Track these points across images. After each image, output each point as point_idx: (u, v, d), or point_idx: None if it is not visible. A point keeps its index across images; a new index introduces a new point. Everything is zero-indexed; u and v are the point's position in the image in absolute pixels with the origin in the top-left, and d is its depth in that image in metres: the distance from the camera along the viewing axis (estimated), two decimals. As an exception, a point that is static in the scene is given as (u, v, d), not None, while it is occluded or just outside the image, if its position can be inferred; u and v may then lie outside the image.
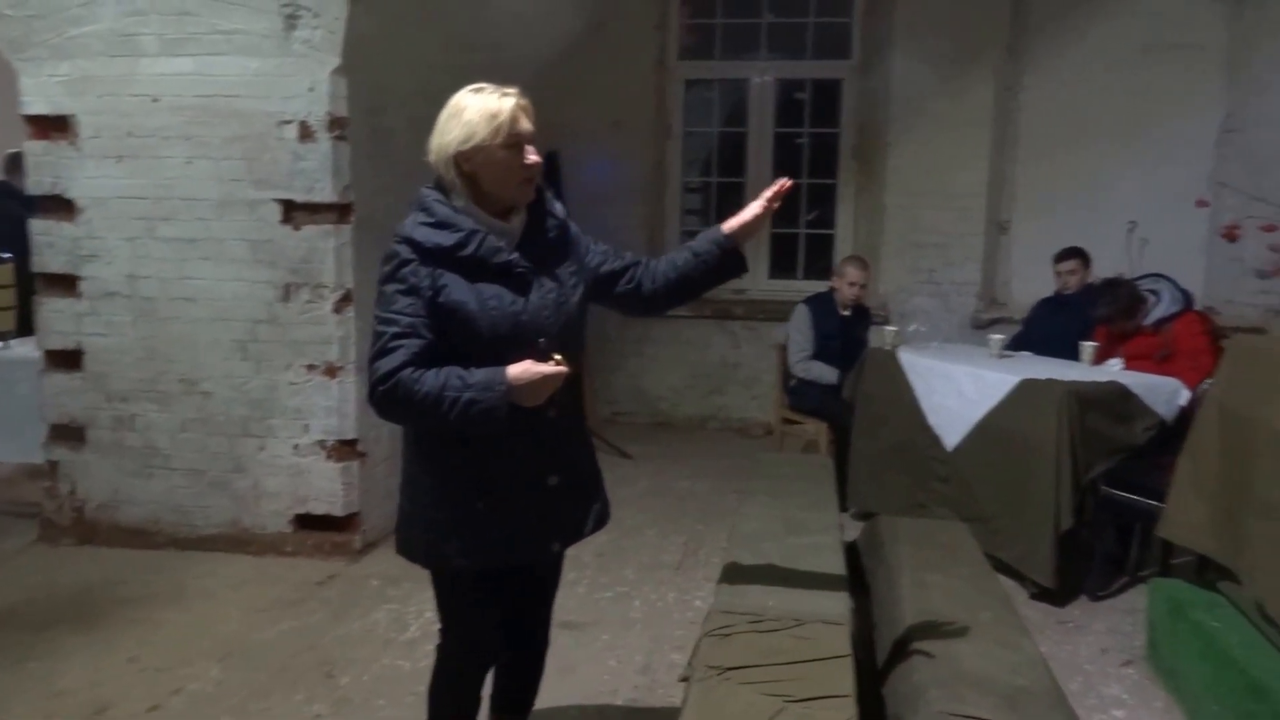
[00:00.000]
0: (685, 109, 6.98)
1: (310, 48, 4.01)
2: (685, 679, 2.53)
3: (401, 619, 3.66)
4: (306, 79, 4.04)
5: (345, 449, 4.27)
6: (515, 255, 2.05)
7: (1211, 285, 6.11)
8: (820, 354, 5.29)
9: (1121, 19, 6.26)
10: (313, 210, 4.15)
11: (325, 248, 4.16)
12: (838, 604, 2.68)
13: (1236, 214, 5.97)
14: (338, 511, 4.29)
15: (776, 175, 2.24)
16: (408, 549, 2.18)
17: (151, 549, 4.36)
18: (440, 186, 2.06)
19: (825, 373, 5.21)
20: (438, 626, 2.29)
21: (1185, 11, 6.23)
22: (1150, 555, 4.16)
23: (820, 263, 6.89)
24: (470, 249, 1.99)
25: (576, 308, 2.15)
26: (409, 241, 2.00)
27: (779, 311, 6.49)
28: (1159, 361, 4.44)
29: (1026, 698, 2.42)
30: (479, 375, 1.92)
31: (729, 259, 2.22)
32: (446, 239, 1.99)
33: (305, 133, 4.09)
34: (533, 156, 2.03)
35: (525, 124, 2.01)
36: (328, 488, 4.29)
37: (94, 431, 4.43)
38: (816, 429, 5.30)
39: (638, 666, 3.33)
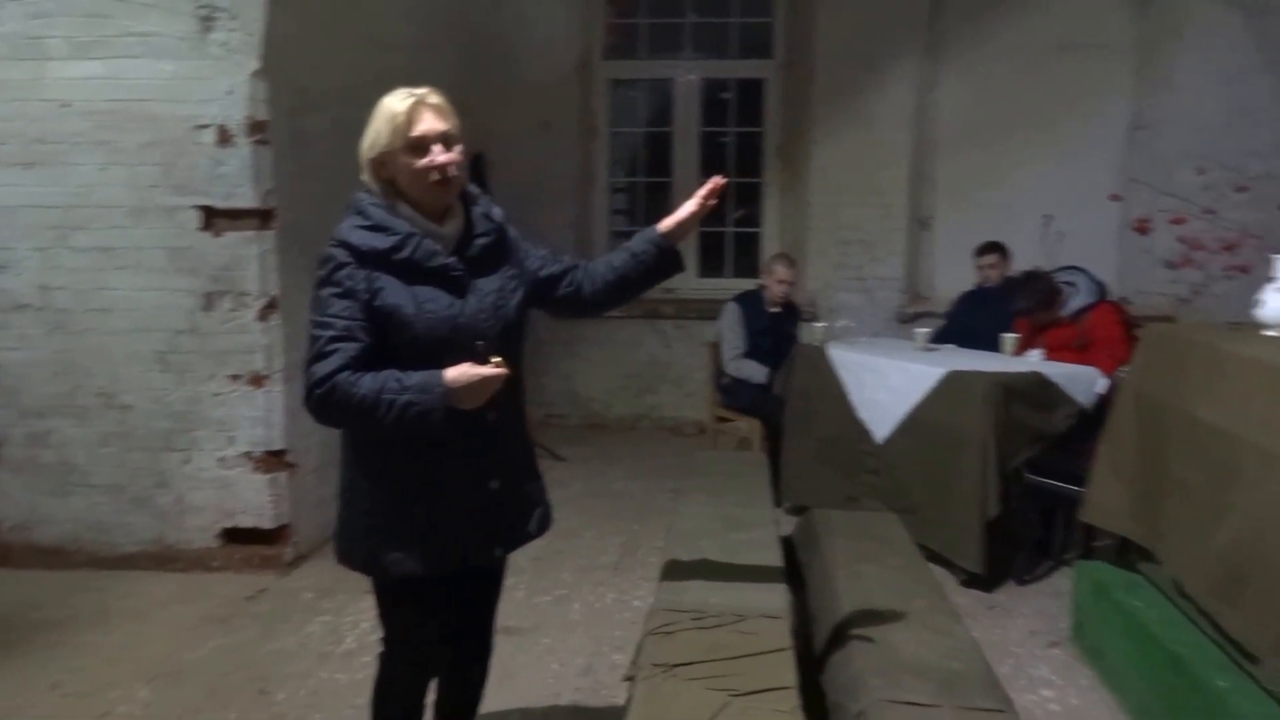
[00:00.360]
0: (611, 109, 6.97)
1: (228, 50, 3.92)
2: (630, 678, 2.53)
3: (337, 631, 3.60)
4: (224, 82, 3.95)
5: (273, 460, 4.18)
6: (452, 258, 2.04)
7: (1124, 276, 6.32)
8: (752, 351, 5.34)
9: (1033, 19, 6.44)
10: (234, 216, 4.05)
11: (248, 254, 4.07)
12: (777, 598, 2.71)
13: (1147, 208, 6.18)
14: (266, 524, 4.20)
15: (703, 175, 2.29)
16: (347, 556, 2.15)
17: (71, 569, 4.21)
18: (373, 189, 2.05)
19: (756, 372, 5.26)
20: (375, 637, 2.26)
21: (1094, 12, 6.43)
22: (1073, 539, 4.28)
23: (748, 260, 6.96)
24: (406, 252, 1.98)
25: (515, 311, 2.14)
26: (345, 245, 1.98)
27: (709, 310, 6.53)
28: (1077, 351, 4.58)
29: (961, 681, 2.48)
30: (416, 378, 1.91)
31: (666, 258, 2.25)
32: (382, 242, 1.97)
33: (224, 137, 3.99)
34: (441, 156, 1.99)
35: (430, 124, 1.98)
36: (255, 500, 4.19)
37: (7, 450, 4.26)
38: (749, 426, 5.35)
39: (580, 669, 3.33)
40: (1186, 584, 2.95)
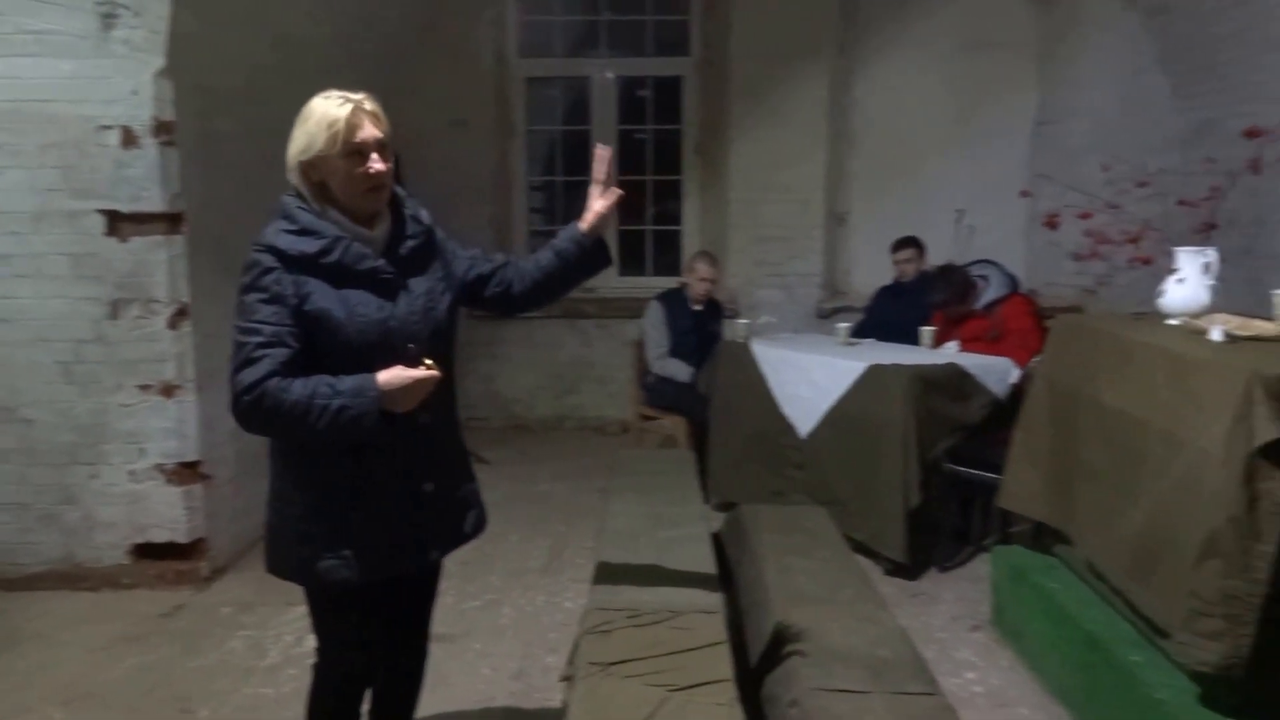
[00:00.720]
0: (527, 107, 6.93)
1: (131, 49, 3.78)
2: (567, 678, 2.53)
3: (260, 645, 3.50)
4: (128, 81, 3.81)
5: (187, 472, 4.05)
6: (381, 261, 2.02)
7: (1033, 269, 6.51)
8: (676, 349, 5.37)
9: (940, 17, 6.59)
10: (140, 221, 3.91)
11: (156, 260, 3.93)
12: (711, 594, 2.74)
13: (1054, 202, 6.37)
14: (181, 538, 4.07)
15: (622, 174, 2.30)
16: (278, 566, 2.11)
17: (-27, 592, 4.03)
18: (301, 195, 2.02)
19: (680, 370, 5.29)
20: (300, 650, 2.22)
21: (998, 10, 6.61)
22: (991, 526, 4.40)
23: (668, 259, 6.99)
24: (335, 255, 1.96)
25: (445, 313, 2.14)
26: (272, 249, 1.95)
27: (629, 308, 6.56)
28: (991, 342, 4.71)
29: (889, 668, 2.55)
30: (349, 382, 1.90)
31: (591, 253, 2.28)
32: (310, 246, 1.95)
33: (128, 138, 3.85)
34: (377, 165, 1.98)
35: (368, 131, 1.97)
36: (169, 514, 4.06)
37: (-100, 468, 4.06)
38: (674, 424, 5.37)
39: (512, 673, 3.31)
40: (1099, 565, 3.06)
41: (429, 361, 1.99)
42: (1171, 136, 6.14)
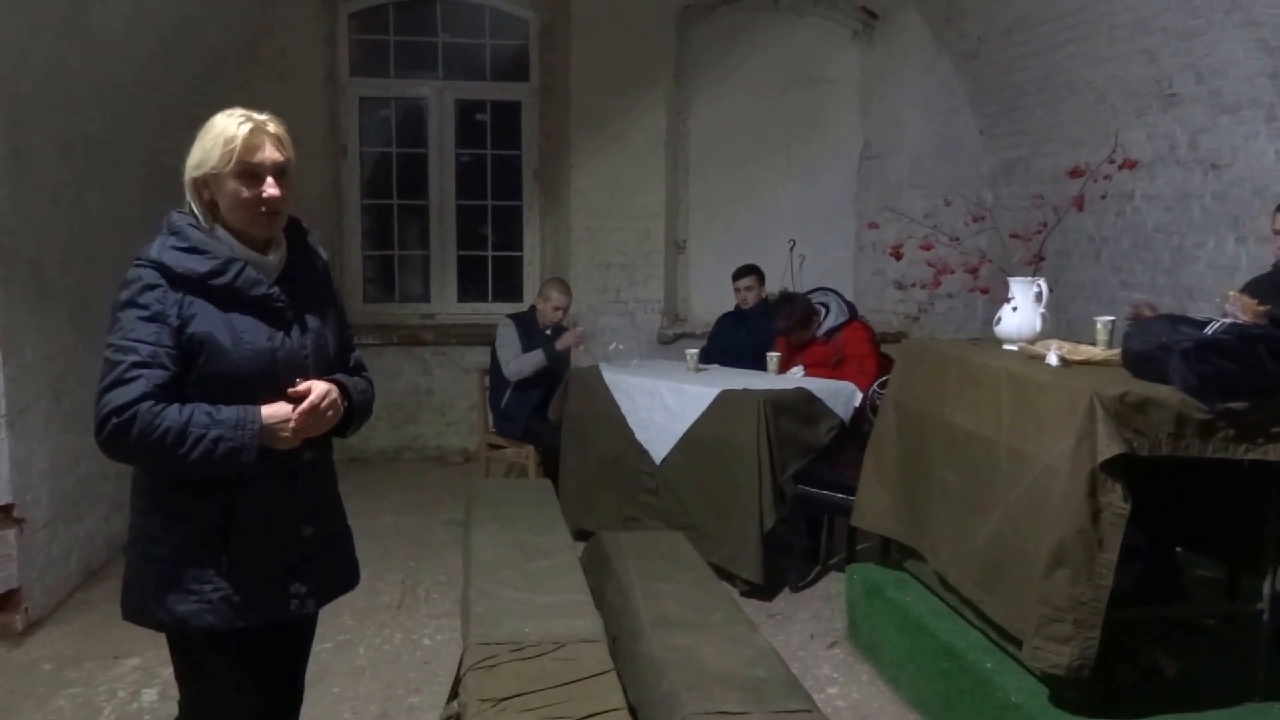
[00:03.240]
0: (362, 128, 6.74)
1: (-69, 53, 3.44)
2: (454, 717, 2.45)
3: (91, 703, 3.20)
4: (-72, 89, 3.46)
5: (-3, 516, 3.69)
6: (275, 289, 1.92)
7: (859, 296, 6.83)
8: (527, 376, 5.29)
9: (769, 53, 6.85)
10: (-59, 241, 3.56)
11: (-40, 285, 3.58)
12: (591, 622, 2.72)
13: (898, 234, 6.69)
14: (-9, 590, 3.70)
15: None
16: (137, 612, 1.95)
17: None
18: (194, 210, 1.92)
19: (535, 359, 5.18)
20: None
21: (823, 48, 6.94)
22: (838, 544, 4.57)
23: (508, 283, 6.92)
24: (227, 278, 1.86)
25: (335, 353, 2.05)
26: (157, 265, 1.84)
27: (469, 335, 6.46)
28: (832, 368, 4.90)
29: (766, 687, 2.60)
30: (229, 413, 1.81)
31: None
32: (201, 265, 1.84)
33: (-72, 151, 3.50)
34: (271, 190, 1.88)
35: (266, 153, 1.88)
36: (-24, 563, 3.67)
37: None
38: (523, 452, 5.31)
39: (374, 715, 3.18)
40: (951, 578, 3.22)
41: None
42: (984, 173, 6.62)
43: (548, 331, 5.35)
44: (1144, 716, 2.61)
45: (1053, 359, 2.96)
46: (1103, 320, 3.27)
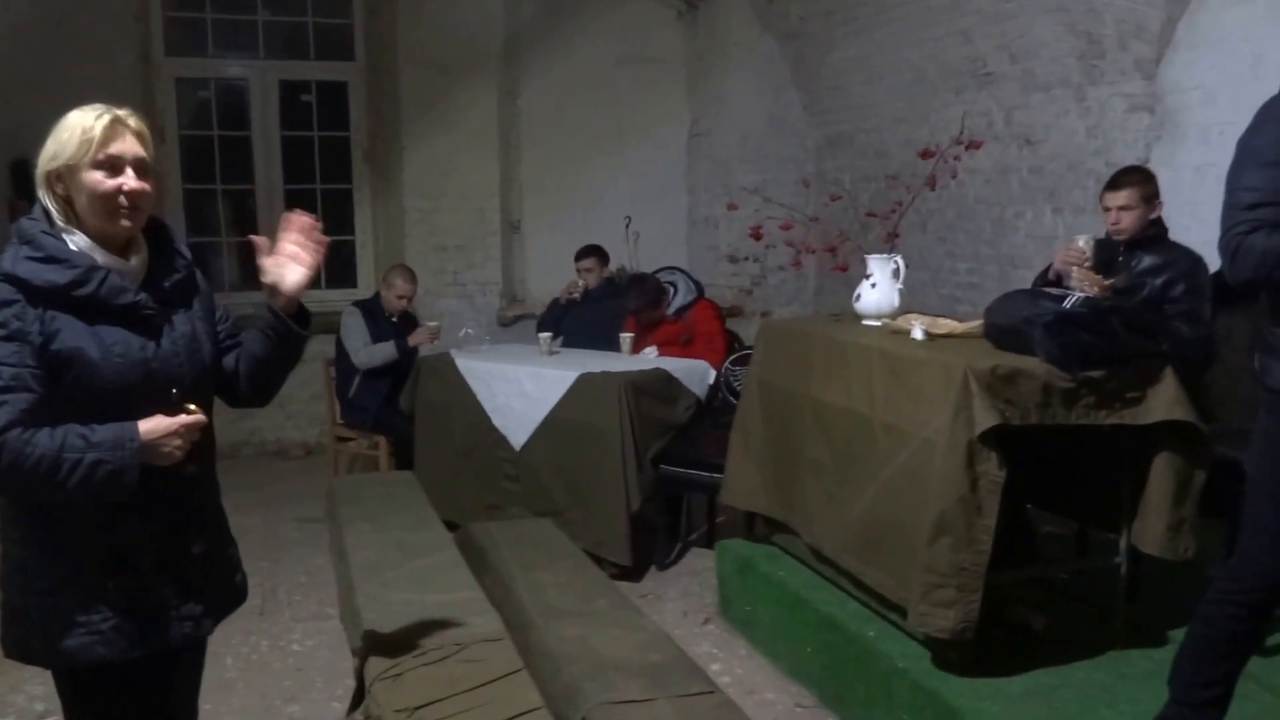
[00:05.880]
0: (180, 110, 6.25)
1: None
2: (367, 728, 2.33)
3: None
4: None
5: None
6: (143, 296, 1.77)
7: (693, 270, 6.91)
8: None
9: (597, 33, 6.78)
10: None
11: None
12: (490, 620, 2.66)
13: (712, 207, 6.81)
14: None
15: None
16: (21, 649, 1.80)
17: None
18: (48, 216, 1.74)
19: (386, 350, 5.00)
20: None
21: (648, 27, 6.94)
22: (696, 520, 4.64)
23: (342, 268, 6.61)
24: (90, 288, 1.70)
25: (210, 355, 1.91)
26: (11, 279, 1.66)
27: (306, 323, 6.12)
28: (682, 346, 4.94)
29: (664, 672, 2.62)
30: (104, 433, 1.67)
31: (277, 330, 1.95)
32: (61, 276, 1.68)
33: None
34: (131, 183, 1.73)
35: (125, 145, 1.74)
36: None
37: None
38: (372, 443, 5.11)
39: (251, 734, 2.98)
40: (827, 550, 3.30)
41: (192, 406, 1.79)
42: (810, 148, 6.84)
43: (393, 319, 5.15)
44: (1018, 671, 2.77)
45: (918, 333, 3.08)
46: (1084, 238, 3.27)
